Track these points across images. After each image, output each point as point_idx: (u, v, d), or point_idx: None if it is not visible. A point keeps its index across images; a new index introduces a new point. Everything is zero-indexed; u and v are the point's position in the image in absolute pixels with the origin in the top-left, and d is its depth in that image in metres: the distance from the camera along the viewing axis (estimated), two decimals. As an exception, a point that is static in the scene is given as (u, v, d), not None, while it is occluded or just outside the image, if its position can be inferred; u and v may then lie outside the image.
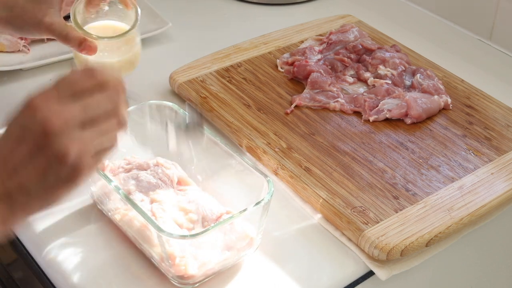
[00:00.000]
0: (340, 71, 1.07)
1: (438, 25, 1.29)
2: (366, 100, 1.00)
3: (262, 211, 0.74)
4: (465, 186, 0.87)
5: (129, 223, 0.77)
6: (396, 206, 0.83)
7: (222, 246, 0.74)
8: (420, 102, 0.98)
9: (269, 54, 1.12)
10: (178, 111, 0.85)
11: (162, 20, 1.20)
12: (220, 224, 0.73)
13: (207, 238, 0.72)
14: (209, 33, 1.23)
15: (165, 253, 0.71)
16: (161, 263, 0.74)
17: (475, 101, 1.03)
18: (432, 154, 0.93)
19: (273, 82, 1.06)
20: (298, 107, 1.00)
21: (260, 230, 0.77)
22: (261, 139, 0.93)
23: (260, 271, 0.78)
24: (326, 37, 1.13)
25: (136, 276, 0.76)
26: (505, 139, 0.96)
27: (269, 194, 0.74)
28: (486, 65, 1.17)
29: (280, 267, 0.78)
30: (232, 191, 0.81)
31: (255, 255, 0.79)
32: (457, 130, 0.97)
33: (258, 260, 0.79)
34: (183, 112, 0.84)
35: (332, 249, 0.81)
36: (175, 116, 0.85)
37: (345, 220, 0.82)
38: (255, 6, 1.33)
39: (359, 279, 0.80)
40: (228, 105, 0.99)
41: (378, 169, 0.89)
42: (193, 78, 1.05)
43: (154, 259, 0.75)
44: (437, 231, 0.80)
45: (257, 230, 0.76)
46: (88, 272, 0.77)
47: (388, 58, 1.07)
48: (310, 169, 0.89)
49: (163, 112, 0.85)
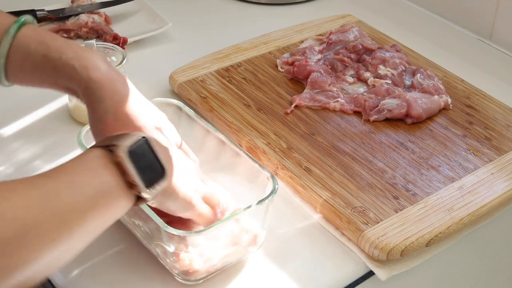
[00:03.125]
0: (340, 71, 1.07)
1: (438, 25, 1.29)
2: (366, 100, 1.00)
3: (266, 207, 0.75)
4: (465, 186, 0.87)
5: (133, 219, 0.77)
6: (396, 206, 0.83)
7: (227, 242, 0.74)
8: (420, 102, 0.98)
9: (269, 54, 1.12)
10: (183, 108, 0.86)
11: (162, 20, 1.20)
12: (225, 221, 0.73)
13: (213, 235, 0.72)
14: (209, 33, 1.23)
15: (169, 248, 0.71)
16: (165, 259, 0.74)
17: (475, 101, 1.03)
18: (432, 154, 0.93)
19: (273, 82, 1.06)
20: (298, 107, 1.00)
21: (265, 226, 0.77)
22: (261, 139, 0.93)
23: (259, 271, 0.78)
24: (326, 37, 1.13)
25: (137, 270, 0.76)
26: (505, 139, 0.96)
27: (274, 190, 0.75)
28: (486, 65, 1.17)
29: (279, 266, 0.78)
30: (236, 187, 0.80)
31: (256, 254, 0.79)
32: (457, 130, 0.97)
33: (258, 259, 0.79)
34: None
35: (332, 249, 0.81)
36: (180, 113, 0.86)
37: (345, 220, 0.82)
38: (255, 6, 1.33)
39: (359, 279, 0.80)
40: (228, 105, 0.99)
41: (378, 169, 0.89)
42: (193, 78, 1.05)
43: (159, 255, 0.75)
44: (437, 231, 0.80)
45: (261, 227, 0.76)
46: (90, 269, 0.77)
47: (388, 58, 1.07)
48: (310, 169, 0.89)
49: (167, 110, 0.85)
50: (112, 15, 1.23)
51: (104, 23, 1.19)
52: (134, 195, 0.63)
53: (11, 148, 0.94)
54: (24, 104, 1.01)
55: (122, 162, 0.61)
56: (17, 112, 1.00)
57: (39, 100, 1.02)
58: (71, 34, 1.17)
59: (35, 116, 1.00)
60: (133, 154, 0.62)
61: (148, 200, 0.64)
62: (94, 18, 1.19)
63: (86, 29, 1.17)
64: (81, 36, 1.18)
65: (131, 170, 0.62)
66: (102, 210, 0.60)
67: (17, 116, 1.00)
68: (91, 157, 0.62)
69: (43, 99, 1.02)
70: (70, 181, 0.59)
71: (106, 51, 1.00)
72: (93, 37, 1.17)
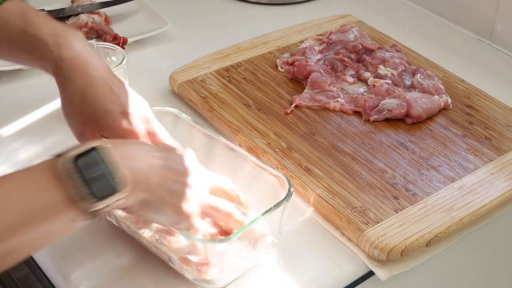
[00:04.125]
0: (340, 71, 1.07)
1: (438, 25, 1.29)
2: (366, 100, 1.00)
3: (282, 210, 0.74)
4: (465, 186, 0.87)
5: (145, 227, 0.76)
6: (396, 206, 0.83)
7: (245, 248, 0.73)
8: (420, 102, 0.98)
9: (269, 54, 1.12)
10: (179, 116, 0.85)
11: (162, 20, 1.20)
12: (244, 229, 0.71)
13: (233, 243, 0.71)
14: (209, 33, 1.23)
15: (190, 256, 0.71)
16: (182, 267, 0.73)
17: (475, 101, 1.03)
18: (432, 154, 0.93)
19: (273, 82, 1.06)
20: (298, 107, 1.00)
21: (280, 230, 0.77)
22: (261, 139, 0.93)
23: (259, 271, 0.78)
24: (326, 37, 1.13)
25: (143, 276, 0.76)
26: (505, 139, 0.96)
27: (290, 193, 0.74)
28: (486, 65, 1.17)
29: (279, 266, 0.78)
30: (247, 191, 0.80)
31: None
32: (457, 130, 0.97)
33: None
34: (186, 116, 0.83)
35: (332, 249, 0.81)
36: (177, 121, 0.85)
37: (345, 220, 0.82)
38: (255, 6, 1.33)
39: (359, 279, 0.80)
40: (228, 105, 0.99)
41: (378, 169, 0.89)
42: (193, 78, 1.05)
43: (173, 263, 0.74)
44: (437, 231, 0.80)
45: (277, 230, 0.76)
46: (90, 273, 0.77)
47: (388, 58, 1.07)
48: (310, 169, 0.89)
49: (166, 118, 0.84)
50: (112, 15, 1.23)
51: (104, 23, 1.19)
52: (85, 207, 0.58)
53: (11, 148, 0.94)
54: (24, 104, 1.01)
55: (61, 174, 0.57)
56: (17, 112, 1.00)
57: (39, 100, 1.02)
58: (71, 34, 1.17)
59: (35, 116, 1.00)
60: (82, 162, 0.58)
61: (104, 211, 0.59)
62: (94, 18, 1.19)
63: (86, 29, 1.17)
64: (81, 36, 1.18)
65: (75, 179, 0.57)
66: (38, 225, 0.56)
67: (17, 116, 1.00)
68: (40, 168, 0.58)
69: (43, 99, 1.02)
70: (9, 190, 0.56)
71: (106, 51, 1.00)
72: (93, 37, 1.17)
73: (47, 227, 0.58)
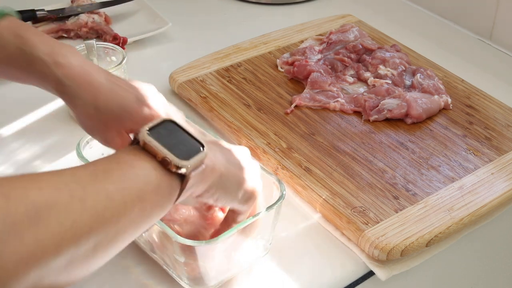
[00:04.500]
0: (340, 71, 1.07)
1: (438, 25, 1.29)
2: (366, 100, 1.00)
3: (274, 213, 0.74)
4: (465, 186, 0.87)
5: None
6: (396, 206, 0.83)
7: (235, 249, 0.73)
8: (420, 102, 0.98)
9: (269, 54, 1.12)
10: None
11: (162, 20, 1.20)
12: (235, 229, 0.71)
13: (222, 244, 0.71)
14: (209, 33, 1.23)
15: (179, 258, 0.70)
16: (175, 268, 0.73)
17: (475, 101, 1.03)
18: (432, 154, 0.93)
19: (273, 82, 1.06)
20: (298, 107, 1.00)
21: (273, 233, 0.76)
22: (261, 139, 0.93)
23: (259, 271, 0.78)
24: (326, 37, 1.13)
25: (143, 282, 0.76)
26: (505, 139, 0.96)
27: (282, 196, 0.74)
28: (486, 65, 1.17)
29: (279, 266, 0.78)
30: None
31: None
32: (457, 130, 0.97)
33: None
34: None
35: (332, 249, 0.81)
36: None
37: (345, 220, 0.82)
38: (255, 6, 1.33)
39: (359, 279, 0.80)
40: (228, 105, 0.99)
41: (378, 169, 0.89)
42: (193, 78, 1.05)
43: (167, 265, 0.74)
44: (437, 231, 0.80)
45: (269, 233, 0.76)
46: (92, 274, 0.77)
47: (388, 58, 1.07)
48: (310, 169, 0.89)
49: None
50: (112, 15, 1.23)
51: (104, 23, 1.19)
52: (175, 174, 0.59)
53: (11, 148, 0.94)
54: (24, 104, 1.01)
55: (146, 143, 0.58)
56: (17, 112, 1.00)
57: (39, 100, 1.02)
58: (71, 34, 1.17)
59: (35, 116, 1.00)
60: (156, 133, 0.59)
61: (191, 175, 0.60)
62: (94, 18, 1.19)
63: (86, 29, 1.17)
64: (81, 36, 1.18)
65: (157, 146, 0.58)
66: (139, 204, 0.57)
67: (17, 116, 1.00)
68: (121, 154, 0.60)
69: (43, 99, 1.01)
70: (108, 171, 0.56)
71: (106, 51, 1.00)
72: (93, 37, 1.18)
73: (146, 205, 0.58)
